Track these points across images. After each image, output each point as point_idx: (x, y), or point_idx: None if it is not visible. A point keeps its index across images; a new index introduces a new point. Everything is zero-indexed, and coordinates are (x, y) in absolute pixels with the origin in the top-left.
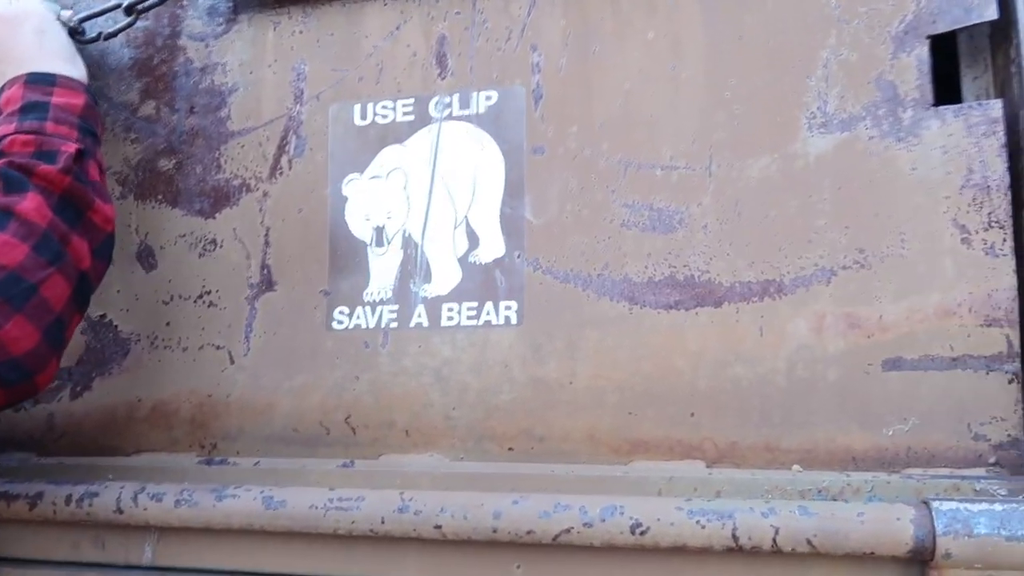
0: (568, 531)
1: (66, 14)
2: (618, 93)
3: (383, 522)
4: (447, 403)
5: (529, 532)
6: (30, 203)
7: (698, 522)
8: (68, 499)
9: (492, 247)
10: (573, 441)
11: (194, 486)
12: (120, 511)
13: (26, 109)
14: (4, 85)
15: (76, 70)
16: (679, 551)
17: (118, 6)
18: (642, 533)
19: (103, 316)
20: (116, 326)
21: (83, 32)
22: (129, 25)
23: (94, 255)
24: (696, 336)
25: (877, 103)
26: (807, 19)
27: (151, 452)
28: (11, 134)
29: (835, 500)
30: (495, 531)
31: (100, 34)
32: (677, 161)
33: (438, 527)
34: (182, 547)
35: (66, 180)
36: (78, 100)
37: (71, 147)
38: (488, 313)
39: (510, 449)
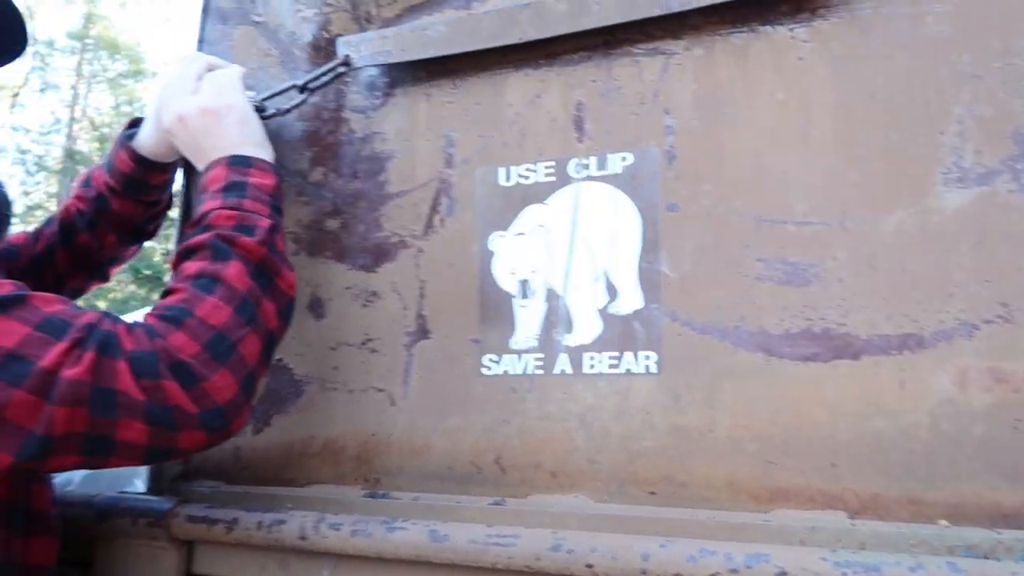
0: None
1: (250, 94)
2: (749, 152)
3: (538, 559)
4: (591, 447)
5: (676, 575)
6: (233, 270)
7: (844, 574)
8: (259, 525)
9: (631, 299)
10: (714, 488)
11: (367, 518)
12: (303, 538)
13: (228, 188)
14: (208, 166)
15: (268, 154)
16: None
17: (293, 86)
18: None
19: (280, 360)
20: (291, 369)
21: (264, 110)
22: (302, 102)
23: (279, 316)
24: (834, 388)
25: (1015, 157)
26: (939, 76)
27: (321, 484)
28: (216, 209)
29: (986, 558)
30: (644, 572)
31: (278, 111)
32: (810, 216)
33: (589, 566)
34: (357, 573)
35: (262, 251)
36: (270, 181)
37: (265, 222)
38: (628, 362)
39: (652, 493)
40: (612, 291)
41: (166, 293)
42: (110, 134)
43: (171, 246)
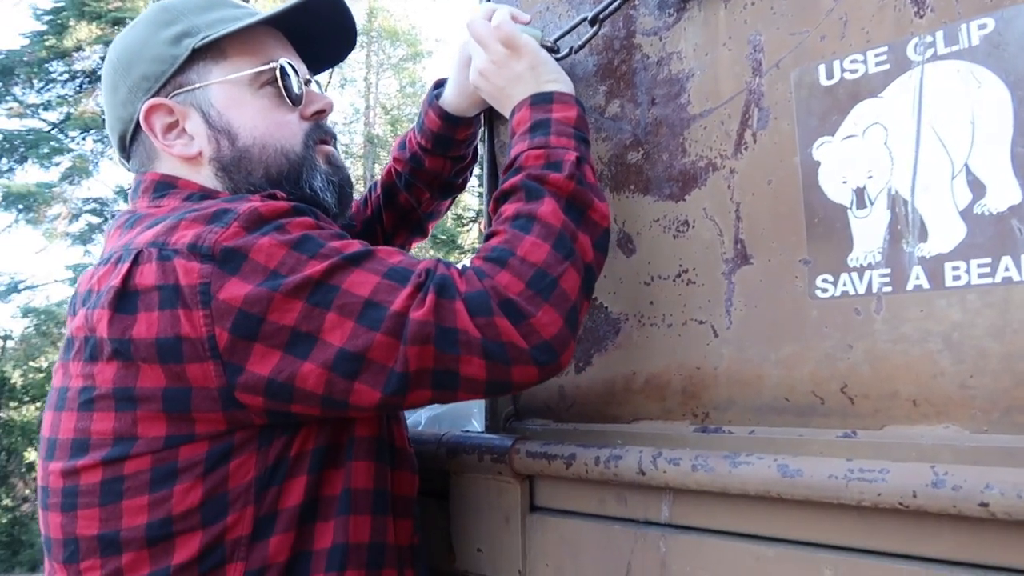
0: None
1: (540, 35)
2: None
3: (915, 496)
4: (962, 370)
5: None
6: (547, 207)
7: None
8: (596, 460)
9: (1004, 194)
10: None
11: (706, 452)
12: (642, 472)
13: (534, 127)
14: (513, 109)
15: (566, 86)
16: None
17: (583, 20)
18: None
19: (595, 299)
20: (607, 308)
21: (557, 50)
22: (594, 35)
23: (595, 248)
24: None
25: None
26: None
27: (647, 420)
28: (525, 150)
29: None
30: None
31: (571, 48)
32: None
33: (984, 505)
34: (696, 508)
35: (571, 185)
36: (572, 112)
37: (571, 155)
38: (1007, 269)
39: None
40: (978, 187)
41: (488, 236)
42: (399, 116)
43: (460, 211)
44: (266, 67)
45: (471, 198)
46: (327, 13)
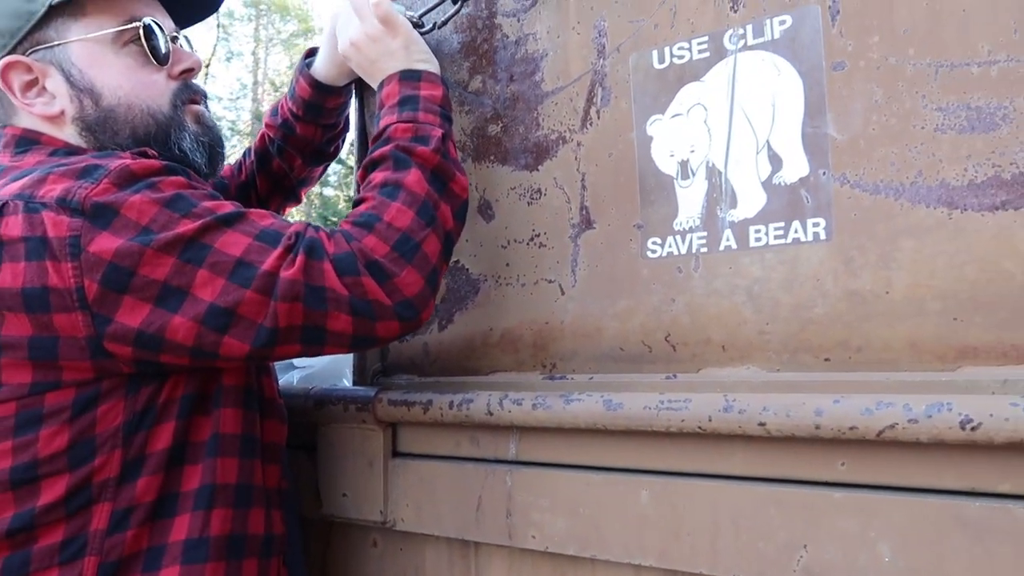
0: (893, 427)
1: (407, 13)
2: None
3: (710, 420)
4: (760, 319)
5: (852, 428)
6: (413, 177)
7: None
8: (451, 404)
9: (796, 167)
10: (893, 350)
11: (546, 393)
12: (490, 413)
13: (402, 102)
14: (382, 83)
15: (433, 66)
16: (1016, 447)
17: None
18: (973, 429)
19: (456, 262)
20: (467, 269)
21: (422, 25)
22: (456, 12)
23: (455, 217)
24: None
25: None
26: None
27: (503, 372)
28: (394, 123)
29: None
30: (818, 427)
31: (435, 24)
32: (996, 55)
33: (762, 424)
34: (538, 444)
35: (436, 158)
36: (438, 92)
37: (438, 131)
38: (796, 231)
39: (826, 360)
40: (776, 161)
41: (357, 202)
42: None
43: (352, 193)
44: (129, 26)
45: None
46: None
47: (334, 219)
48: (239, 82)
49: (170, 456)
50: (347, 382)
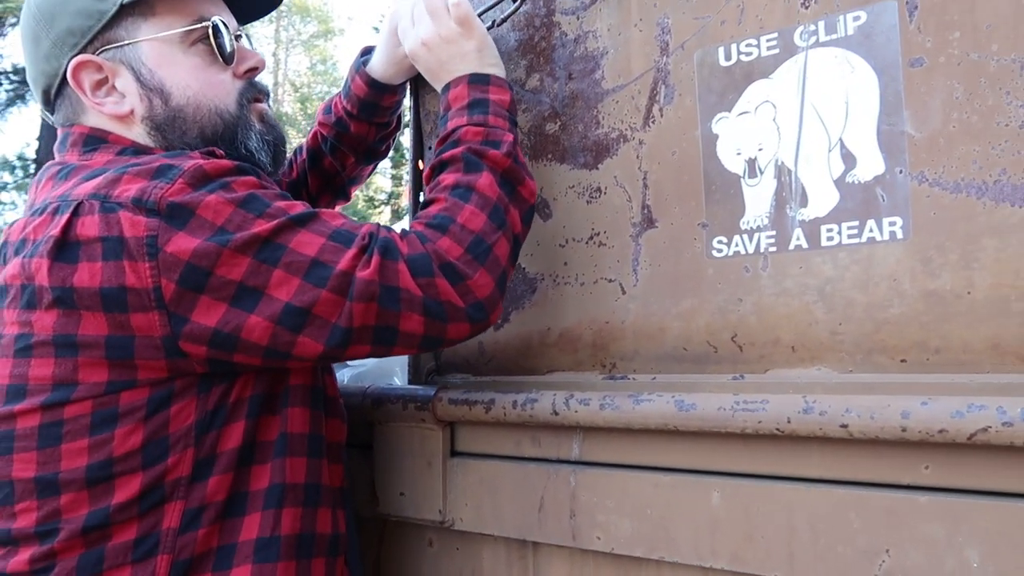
0: (985, 430)
1: None
2: None
3: (789, 421)
4: (832, 319)
5: (941, 431)
6: (485, 180)
7: None
8: (514, 404)
9: (871, 165)
10: (974, 351)
11: (612, 393)
12: (555, 413)
13: (472, 105)
14: (449, 84)
15: (501, 71)
16: None
17: None
18: None
19: None
20: (524, 268)
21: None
22: (515, 11)
23: (522, 221)
24: None
25: None
26: None
27: (561, 371)
28: (464, 125)
29: None
30: (904, 430)
31: (493, 22)
32: None
33: (844, 426)
34: (603, 445)
35: (507, 162)
36: (507, 96)
37: (509, 136)
38: (871, 230)
39: (903, 361)
40: (849, 159)
41: (427, 203)
42: (308, 95)
43: (372, 193)
44: (197, 26)
45: (383, 180)
46: None
47: (353, 218)
48: None
49: (240, 455)
50: (398, 380)
